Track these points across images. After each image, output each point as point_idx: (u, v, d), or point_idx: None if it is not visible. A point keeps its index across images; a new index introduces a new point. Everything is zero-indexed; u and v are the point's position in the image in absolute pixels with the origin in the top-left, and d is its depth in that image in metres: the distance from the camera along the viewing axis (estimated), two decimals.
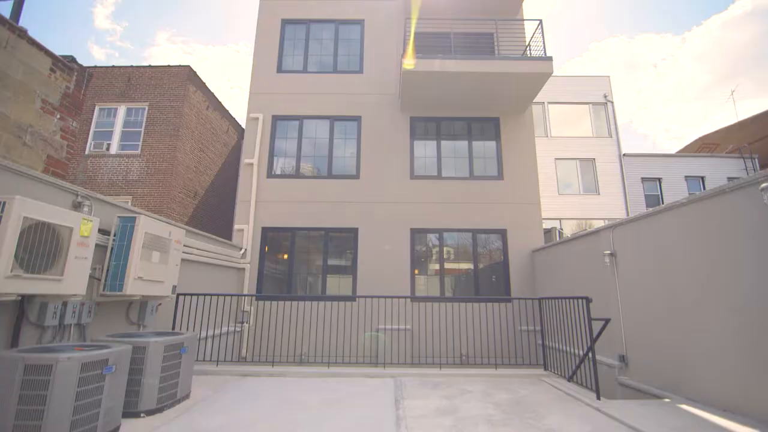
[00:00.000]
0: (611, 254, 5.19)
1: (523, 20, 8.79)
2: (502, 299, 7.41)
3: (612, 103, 16.93)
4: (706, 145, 19.93)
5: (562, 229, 13.96)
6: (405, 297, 6.39)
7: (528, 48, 8.62)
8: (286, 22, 9.50)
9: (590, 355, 4.11)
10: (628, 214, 15.09)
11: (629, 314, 4.84)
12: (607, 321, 4.16)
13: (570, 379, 4.72)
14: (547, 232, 10.07)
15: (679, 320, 4.04)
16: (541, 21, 8.04)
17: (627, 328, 4.86)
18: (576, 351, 4.65)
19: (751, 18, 77.44)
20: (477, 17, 9.26)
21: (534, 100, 8.85)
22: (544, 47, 7.91)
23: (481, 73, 7.73)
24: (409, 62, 7.66)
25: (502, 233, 8.26)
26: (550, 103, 16.83)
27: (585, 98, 17.05)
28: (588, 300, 4.27)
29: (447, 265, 8.30)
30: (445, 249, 8.37)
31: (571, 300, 4.68)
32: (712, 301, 3.65)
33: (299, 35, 9.47)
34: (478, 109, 8.87)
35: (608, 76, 17.31)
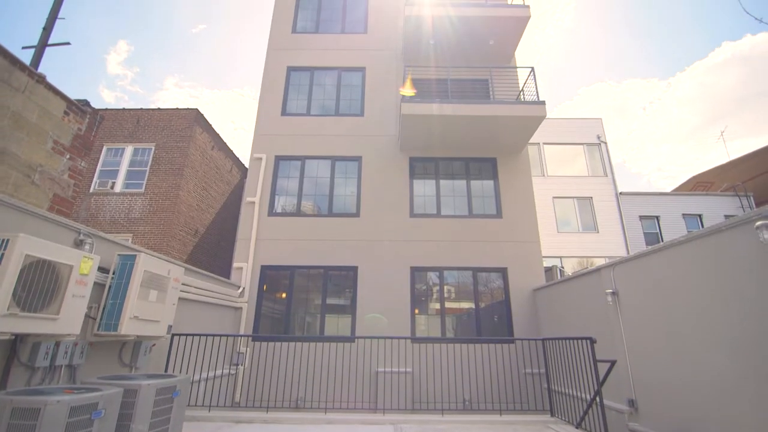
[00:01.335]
0: (613, 293, 5.14)
1: (516, 67, 9.28)
2: (505, 340, 7.22)
3: (605, 143, 17.44)
4: (700, 184, 20.27)
5: (563, 267, 13.87)
6: (405, 338, 6.25)
7: (522, 93, 9.02)
8: (291, 69, 10.01)
9: (598, 399, 3.96)
10: (628, 252, 15.04)
11: (636, 355, 4.71)
12: (613, 363, 4.04)
13: (578, 426, 4.51)
14: (548, 270, 10.00)
15: (685, 361, 3.93)
16: (533, 68, 8.49)
17: (634, 369, 4.70)
18: (583, 395, 4.48)
19: (732, 63, 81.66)
20: (473, 65, 9.80)
21: (530, 141, 9.13)
22: (537, 92, 8.29)
23: (478, 117, 8.04)
24: (408, 106, 8.00)
25: (503, 272, 8.20)
26: (545, 143, 17.34)
27: (579, 139, 17.59)
28: (592, 340, 4.18)
29: (448, 305, 8.16)
30: (445, 288, 8.27)
31: (575, 341, 4.58)
32: (717, 341, 3.57)
33: (303, 81, 9.95)
34: (476, 149, 9.13)
35: (600, 119, 17.97)
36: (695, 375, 3.80)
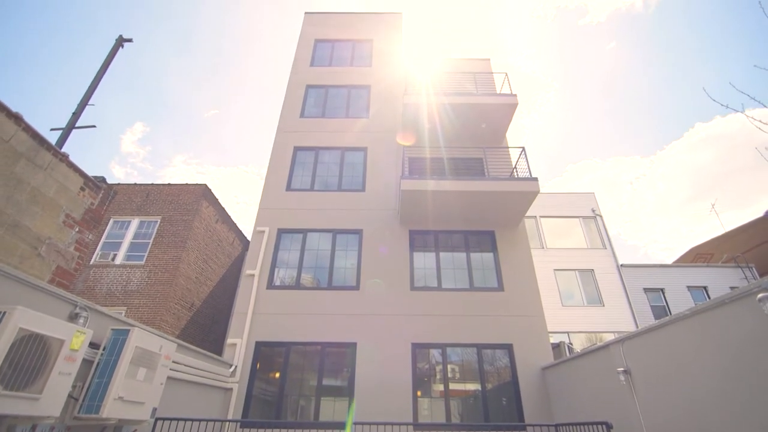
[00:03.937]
0: (625, 371, 4.88)
1: (508, 147, 9.90)
2: (515, 426, 6.64)
3: (601, 216, 17.85)
4: (700, 255, 20.27)
5: (571, 343, 13.25)
6: (407, 424, 5.76)
7: (515, 170, 9.52)
8: (297, 149, 10.69)
9: None
10: (637, 326, 14.51)
11: None
12: None
13: None
14: (556, 347, 9.56)
15: None
16: (523, 148, 9.08)
17: None
18: None
19: (707, 142, 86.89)
20: (467, 146, 10.49)
21: (526, 215, 9.38)
22: (529, 169, 8.75)
23: (474, 192, 8.39)
24: (408, 182, 8.39)
25: (509, 348, 7.84)
26: (542, 216, 17.75)
27: (574, 212, 18.05)
28: (608, 426, 3.87)
29: (452, 386, 7.65)
30: (449, 367, 7.83)
31: (589, 426, 4.24)
32: (742, 421, 3.31)
33: (308, 159, 10.56)
34: (474, 223, 9.34)
35: (593, 193, 18.64)
36: None
